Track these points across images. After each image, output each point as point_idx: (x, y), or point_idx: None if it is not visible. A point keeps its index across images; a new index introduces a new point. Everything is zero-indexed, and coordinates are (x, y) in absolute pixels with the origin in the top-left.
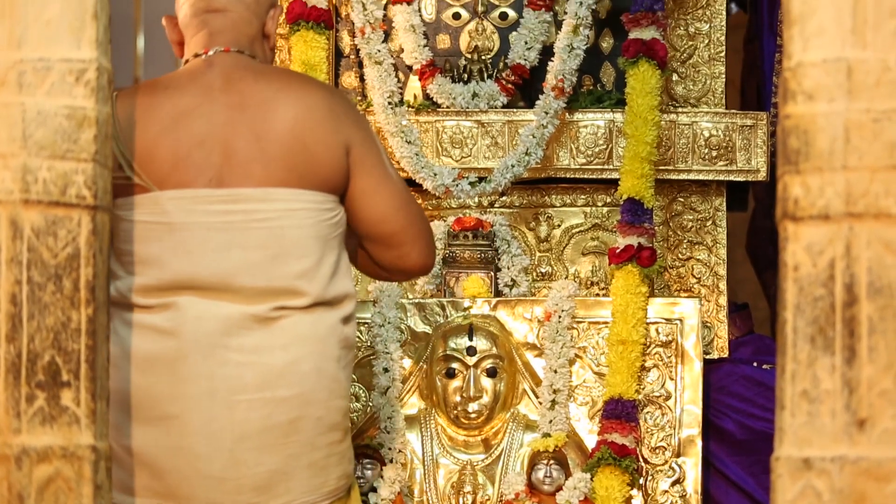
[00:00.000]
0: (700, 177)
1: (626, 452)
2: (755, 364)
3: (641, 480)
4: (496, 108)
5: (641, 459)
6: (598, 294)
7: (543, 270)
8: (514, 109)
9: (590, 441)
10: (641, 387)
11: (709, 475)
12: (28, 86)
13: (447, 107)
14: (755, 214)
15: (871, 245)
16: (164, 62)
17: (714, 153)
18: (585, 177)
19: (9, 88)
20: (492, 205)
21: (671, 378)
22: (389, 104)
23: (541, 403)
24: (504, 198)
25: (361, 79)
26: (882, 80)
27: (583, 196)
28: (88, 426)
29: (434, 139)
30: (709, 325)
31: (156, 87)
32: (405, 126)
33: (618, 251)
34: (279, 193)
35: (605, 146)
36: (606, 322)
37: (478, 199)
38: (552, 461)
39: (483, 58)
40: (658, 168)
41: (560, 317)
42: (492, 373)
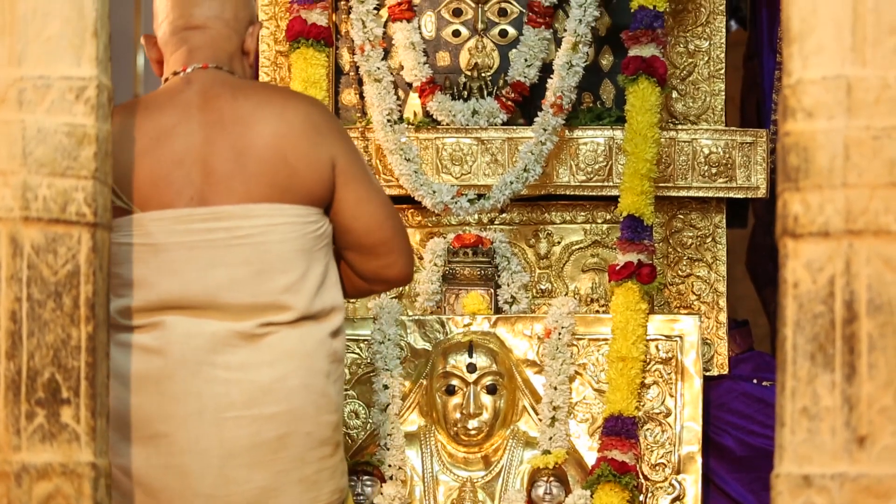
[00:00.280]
0: (700, 194)
1: (626, 469)
2: (755, 381)
3: (641, 497)
4: (496, 126)
5: (641, 476)
6: (598, 311)
7: (543, 287)
8: (514, 127)
9: (590, 458)
10: (641, 404)
11: (709, 492)
12: (28, 103)
13: (447, 124)
14: (755, 231)
15: (871, 262)
16: None
17: (714, 170)
18: (585, 194)
19: (9, 106)
20: (492, 222)
21: (671, 395)
22: (389, 121)
23: (541, 420)
24: (504, 215)
25: (361, 96)
26: (881, 98)
27: (583, 213)
28: (88, 443)
29: (434, 156)
30: (709, 342)
31: (135, 108)
32: (405, 143)
33: (618, 268)
34: (261, 209)
35: (605, 163)
36: (606, 339)
37: (477, 217)
38: (552, 478)
39: (483, 75)
40: (658, 185)
41: (560, 334)
42: (492, 390)
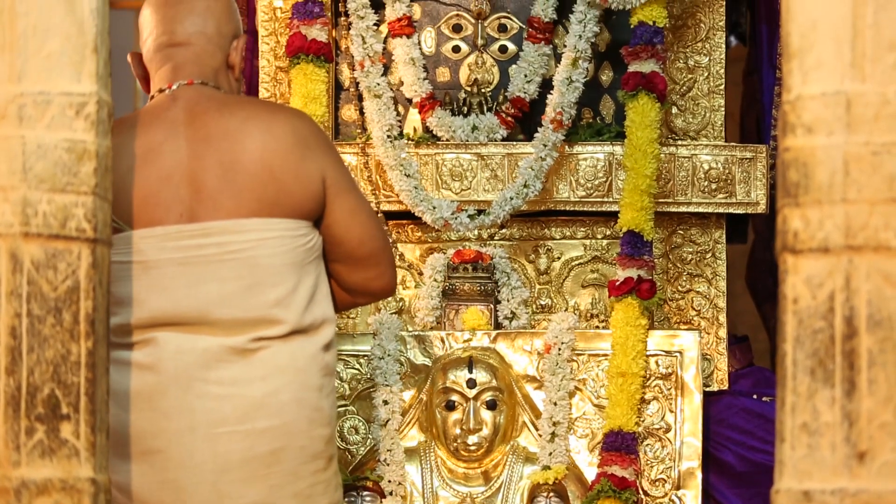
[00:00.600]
0: (700, 209)
1: (626, 485)
2: (755, 396)
3: None
4: (496, 141)
5: (641, 492)
6: (598, 326)
7: (543, 303)
8: (514, 142)
9: (590, 473)
10: (641, 419)
11: None
12: (28, 119)
13: (447, 140)
14: (755, 247)
15: (871, 277)
16: None
17: (713, 186)
18: (585, 209)
19: (9, 122)
20: (491, 237)
21: (671, 410)
22: (389, 137)
23: (540, 436)
24: (504, 230)
25: (361, 112)
26: (881, 114)
27: (582, 228)
28: (88, 459)
29: (434, 172)
30: (708, 358)
31: (121, 126)
32: (404, 159)
33: (617, 283)
34: (251, 224)
35: (605, 179)
36: (606, 354)
37: (477, 232)
38: (552, 494)
39: (483, 91)
40: (658, 200)
41: (560, 349)
42: (491, 405)
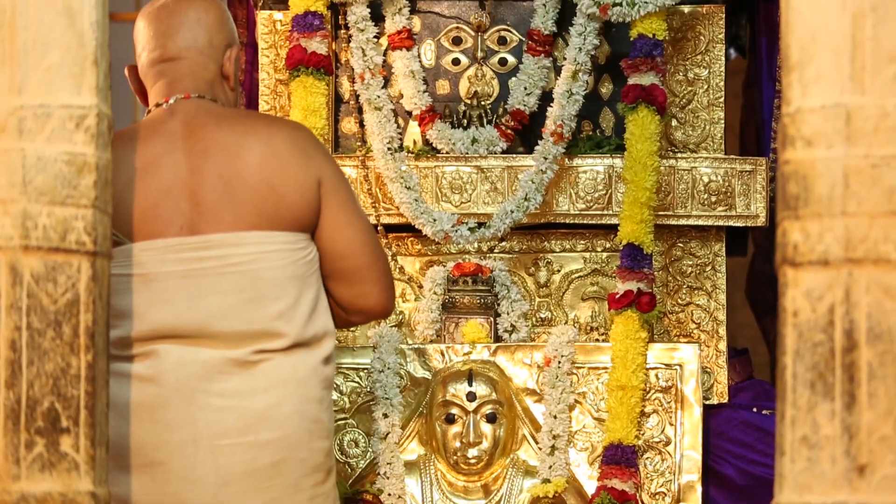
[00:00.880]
0: (699, 222)
1: (626, 498)
2: (755, 409)
3: None
4: (496, 154)
5: None
6: (598, 339)
7: (543, 316)
8: (514, 155)
9: (589, 487)
10: (641, 432)
11: None
12: (28, 132)
13: (447, 152)
14: (754, 260)
15: (871, 290)
16: None
17: (713, 198)
18: (585, 222)
19: (9, 134)
20: (491, 250)
21: (671, 423)
22: (389, 150)
23: (540, 449)
24: (503, 243)
25: (361, 124)
26: (881, 127)
27: (582, 241)
28: (88, 472)
29: (433, 185)
30: (708, 371)
31: (120, 139)
32: (405, 171)
33: (617, 296)
34: (251, 237)
35: (605, 191)
36: (606, 367)
37: (477, 245)
38: None
39: (482, 103)
40: (657, 213)
41: (560, 362)
42: (491, 418)
